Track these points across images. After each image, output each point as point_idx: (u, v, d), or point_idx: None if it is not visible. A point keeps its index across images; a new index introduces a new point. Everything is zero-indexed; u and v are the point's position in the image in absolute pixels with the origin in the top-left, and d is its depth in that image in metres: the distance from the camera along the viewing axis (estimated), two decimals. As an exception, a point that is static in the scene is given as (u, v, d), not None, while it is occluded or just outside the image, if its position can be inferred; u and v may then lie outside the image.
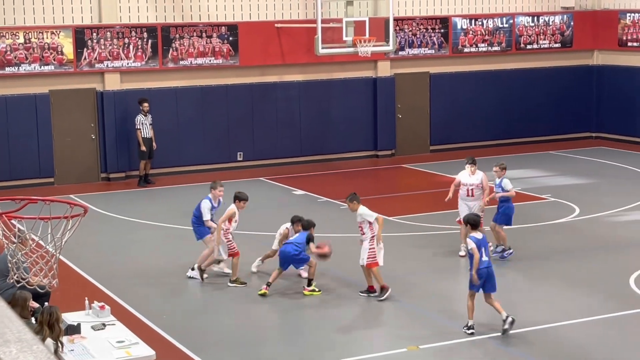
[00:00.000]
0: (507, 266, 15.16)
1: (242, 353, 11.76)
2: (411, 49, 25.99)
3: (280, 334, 12.62)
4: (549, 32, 27.49)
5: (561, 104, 27.78)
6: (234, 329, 12.62)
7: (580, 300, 13.44)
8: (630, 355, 11.43)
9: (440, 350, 11.65)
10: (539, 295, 13.88)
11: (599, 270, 14.95)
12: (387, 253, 15.92)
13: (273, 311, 13.35)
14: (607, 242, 16.20)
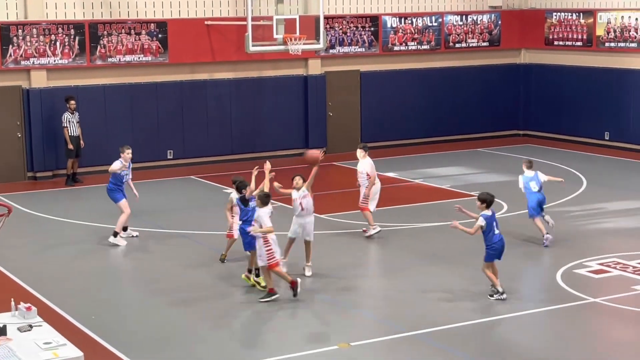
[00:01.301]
0: (437, 263, 15.29)
1: (172, 353, 11.64)
2: (342, 47, 26.06)
3: (211, 332, 12.52)
4: (477, 31, 27.81)
5: (489, 102, 28.14)
6: (165, 328, 12.50)
7: (509, 296, 13.60)
8: (558, 349, 11.62)
9: (371, 346, 11.69)
10: (467, 290, 14.01)
11: (527, 266, 15.17)
12: (319, 250, 15.96)
13: (205, 309, 13.24)
14: (535, 238, 16.43)
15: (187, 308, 13.28)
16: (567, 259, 15.08)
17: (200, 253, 16.10)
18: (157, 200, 20.32)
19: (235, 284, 14.19)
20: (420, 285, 14.19)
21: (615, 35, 25.89)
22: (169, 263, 15.48)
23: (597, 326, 12.46)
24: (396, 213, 18.63)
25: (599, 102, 26.39)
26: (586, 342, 11.92)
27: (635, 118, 25.59)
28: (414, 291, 13.90)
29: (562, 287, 13.78)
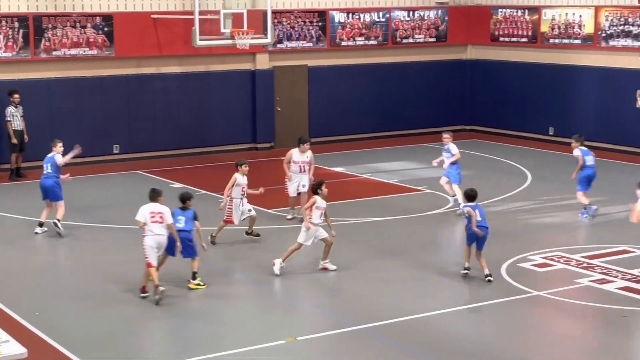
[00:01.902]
0: (384, 258, 15.36)
1: (116, 349, 11.55)
2: (289, 41, 26.04)
3: (158, 329, 12.46)
4: (424, 27, 27.97)
5: (436, 97, 28.33)
6: (109, 324, 12.39)
7: (454, 289, 13.74)
8: (503, 342, 11.75)
9: (318, 341, 11.72)
10: (412, 284, 14.12)
11: (473, 260, 15.29)
12: (267, 246, 15.95)
13: (151, 306, 13.16)
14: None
15: (132, 304, 13.18)
16: (512, 253, 15.25)
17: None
18: (102, 195, 20.14)
19: (181, 280, 14.12)
20: (367, 279, 14.24)
21: (560, 32, 26.23)
22: (114, 258, 15.35)
23: (541, 319, 12.62)
24: (344, 207, 18.67)
25: (544, 98, 26.71)
26: (530, 335, 12.07)
27: (579, 114, 25.95)
28: (360, 285, 13.95)
29: (506, 281, 13.93)
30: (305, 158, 17.62)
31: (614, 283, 13.72)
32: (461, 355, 11.24)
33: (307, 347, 11.54)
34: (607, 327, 12.21)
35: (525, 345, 11.68)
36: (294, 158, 17.64)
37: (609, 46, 25.02)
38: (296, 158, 17.63)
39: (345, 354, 11.35)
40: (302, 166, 17.57)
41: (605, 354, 11.43)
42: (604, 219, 17.87)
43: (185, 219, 13.71)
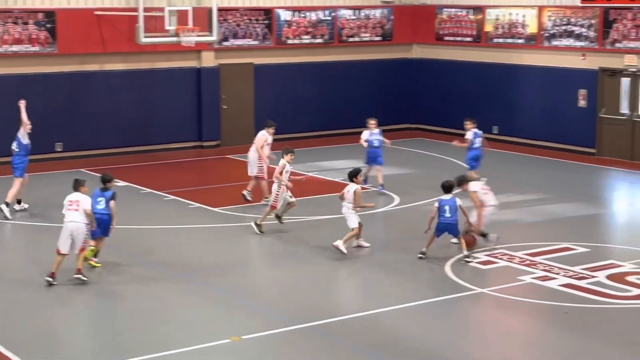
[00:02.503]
0: (330, 256, 15.37)
1: (60, 350, 11.40)
2: (235, 39, 25.95)
3: (98, 328, 12.31)
4: (370, 26, 28.07)
5: (382, 96, 28.44)
6: (52, 325, 12.23)
7: (399, 287, 13.79)
8: (447, 339, 11.83)
9: (264, 339, 11.69)
10: (359, 283, 14.16)
11: (409, 257, 15.38)
12: (212, 244, 15.88)
13: (93, 305, 13.02)
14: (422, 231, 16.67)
15: (74, 303, 13.03)
16: (457, 251, 15.35)
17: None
18: (44, 193, 19.85)
19: (122, 278, 13.99)
20: (312, 277, 14.25)
21: (504, 32, 26.49)
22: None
23: (485, 316, 12.73)
24: (289, 206, 18.64)
25: (488, 97, 26.96)
26: (473, 331, 12.17)
27: (522, 112, 26.25)
28: (306, 283, 13.95)
29: (451, 278, 14.03)
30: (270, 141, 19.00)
31: (556, 280, 13.89)
32: (406, 352, 11.29)
33: (252, 345, 11.51)
34: (549, 324, 12.35)
35: (469, 342, 11.77)
36: (268, 140, 18.92)
37: (551, 46, 25.34)
38: (270, 140, 18.95)
39: (291, 353, 11.34)
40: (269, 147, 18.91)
41: (547, 351, 11.57)
42: (546, 217, 18.10)
43: (105, 200, 14.22)
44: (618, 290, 13.46)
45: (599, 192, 20.86)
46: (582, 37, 24.61)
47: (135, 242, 16.07)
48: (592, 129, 24.57)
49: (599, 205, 19.34)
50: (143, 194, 19.98)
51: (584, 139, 24.76)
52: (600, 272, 14.25)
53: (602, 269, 14.42)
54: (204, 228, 16.79)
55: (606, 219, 18.53)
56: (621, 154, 24.03)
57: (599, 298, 13.12)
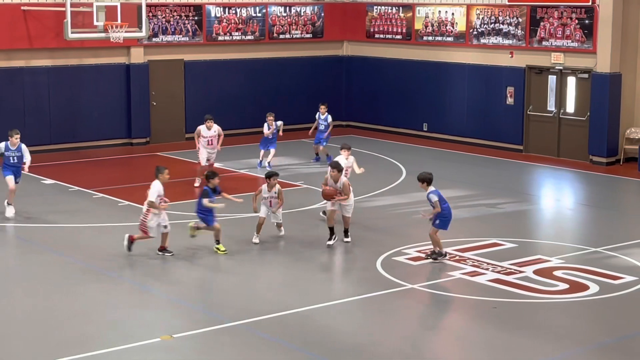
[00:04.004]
0: (260, 252, 15.34)
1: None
2: (165, 35, 25.74)
3: (26, 328, 12.08)
4: (301, 23, 28.08)
5: (313, 93, 28.46)
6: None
7: (331, 284, 13.83)
8: (378, 335, 11.88)
9: (194, 338, 11.62)
10: (290, 280, 14.15)
11: (348, 254, 15.44)
12: (142, 242, 15.70)
13: (22, 303, 12.79)
14: (357, 227, 16.75)
15: (9, 299, 12.79)
16: (387, 247, 15.45)
17: (17, 246, 15.53)
18: None
19: (50, 277, 13.77)
20: (244, 275, 14.20)
21: (433, 30, 26.73)
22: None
23: (415, 311, 12.82)
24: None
25: (418, 94, 27.19)
26: (404, 327, 12.26)
27: (451, 110, 26.52)
28: (238, 281, 13.90)
29: (381, 274, 14.10)
30: (213, 133, 20.50)
31: (484, 275, 14.07)
32: (338, 349, 11.32)
33: (183, 344, 11.42)
34: (478, 319, 12.50)
35: (399, 338, 11.85)
36: (202, 133, 20.42)
37: (480, 44, 25.65)
38: (204, 133, 20.44)
39: (222, 351, 11.29)
40: (210, 140, 20.50)
41: (477, 345, 11.70)
42: (475, 213, 18.31)
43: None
44: (545, 285, 13.68)
45: (526, 189, 21.18)
46: (509, 36, 24.97)
47: (63, 241, 15.84)
48: (520, 126, 24.94)
49: (526, 202, 19.65)
50: (71, 192, 19.70)
51: (511, 136, 25.13)
52: (527, 267, 14.47)
53: (530, 264, 14.65)
54: (134, 226, 16.60)
55: (533, 215, 18.83)
56: (548, 150, 24.45)
57: (527, 293, 13.32)
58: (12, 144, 17.81)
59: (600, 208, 19.24)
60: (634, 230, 17.14)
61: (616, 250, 15.48)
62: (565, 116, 24.21)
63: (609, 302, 13.06)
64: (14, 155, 17.77)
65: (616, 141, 23.41)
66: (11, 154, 17.77)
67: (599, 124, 23.26)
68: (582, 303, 13.04)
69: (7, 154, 17.78)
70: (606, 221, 18.12)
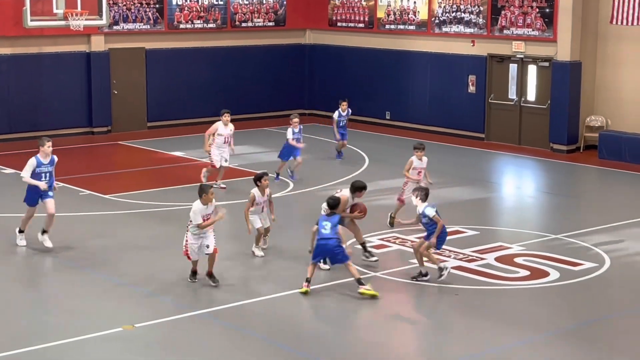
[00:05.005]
0: (221, 241, 15.31)
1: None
2: (126, 23, 25.53)
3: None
4: (263, 11, 27.99)
5: (276, 81, 28.42)
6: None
7: (292, 272, 13.81)
8: (340, 322, 11.91)
9: (156, 327, 11.57)
10: (251, 268, 14.12)
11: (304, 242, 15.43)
12: (103, 232, 15.61)
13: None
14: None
15: (-40, 295, 12.67)
16: (350, 235, 15.45)
17: (-25, 237, 15.39)
18: None
19: (9, 269, 13.63)
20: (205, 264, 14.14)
21: (395, 18, 26.77)
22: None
23: (378, 299, 12.83)
24: (183, 192, 18.50)
25: (381, 82, 27.23)
26: (366, 314, 12.29)
27: (413, 98, 26.59)
28: (199, 269, 13.84)
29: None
30: (229, 131, 18.66)
31: (447, 262, 14.13)
32: (299, 337, 11.34)
33: (144, 333, 11.38)
34: (440, 306, 12.57)
35: (361, 326, 11.89)
36: (219, 130, 18.54)
37: (442, 32, 25.73)
38: (221, 131, 18.62)
39: (184, 339, 11.25)
40: (227, 138, 18.66)
41: (439, 331, 11.78)
42: (437, 201, 18.35)
43: (331, 225, 12.95)
44: (506, 272, 13.79)
45: (488, 176, 21.32)
46: (471, 24, 25.07)
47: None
48: (481, 114, 25.08)
49: (488, 189, 19.78)
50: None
51: (473, 124, 25.27)
52: (489, 254, 14.57)
53: (491, 251, 14.75)
54: (95, 216, 16.49)
55: (495, 203, 18.96)
56: (509, 138, 24.61)
57: (488, 280, 13.42)
58: (43, 156, 14.30)
59: (560, 195, 19.42)
60: (593, 217, 17.33)
61: (576, 237, 15.64)
62: (526, 104, 24.38)
63: (569, 289, 13.20)
64: (46, 171, 14.30)
65: (576, 129, 23.62)
66: (43, 169, 14.25)
67: (560, 112, 23.46)
68: (543, 289, 13.16)
69: (38, 171, 14.20)
70: (566, 208, 18.29)
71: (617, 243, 15.38)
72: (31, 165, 14.20)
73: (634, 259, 14.63)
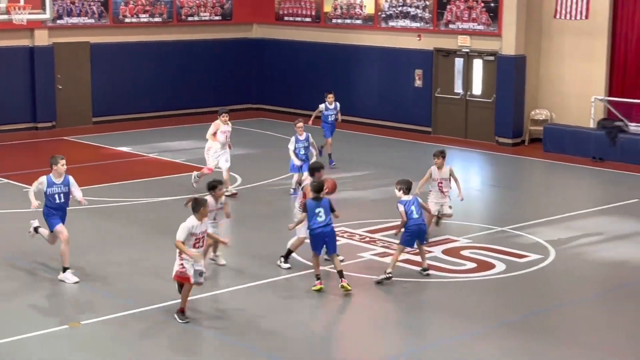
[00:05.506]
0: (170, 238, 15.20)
1: None
2: (70, 17, 25.24)
3: None
4: (210, 5, 27.85)
5: (223, 75, 28.31)
6: None
7: (242, 266, 13.78)
8: (290, 316, 11.91)
9: (103, 324, 11.47)
10: (202, 264, 14.06)
11: (255, 238, 15.41)
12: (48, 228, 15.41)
13: None
14: (266, 210, 16.75)
15: None
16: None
17: None
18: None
19: (-44, 267, 13.42)
20: (152, 260, 14.07)
21: (342, 12, 26.81)
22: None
23: (326, 293, 12.85)
24: (130, 187, 18.36)
25: (328, 77, 27.25)
26: (315, 308, 12.31)
27: (362, 92, 26.66)
28: (146, 266, 13.76)
29: (293, 257, 14.10)
30: (228, 128, 17.82)
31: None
32: (248, 331, 11.32)
33: (91, 330, 11.27)
34: (389, 299, 12.63)
35: (311, 320, 11.91)
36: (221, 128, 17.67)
37: (388, 27, 25.84)
38: (223, 128, 17.71)
39: (131, 336, 11.18)
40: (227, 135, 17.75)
41: (388, 324, 11.84)
42: (385, 195, 18.48)
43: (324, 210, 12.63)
44: (453, 264, 13.91)
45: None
46: (417, 19, 25.20)
47: (-34, 228, 15.45)
48: (428, 108, 25.25)
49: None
50: (-26, 178, 19.21)
51: (420, 118, 25.42)
52: (436, 247, 14.67)
53: (438, 244, 14.86)
54: (40, 212, 16.26)
55: (442, 196, 19.06)
56: (455, 132, 24.81)
57: (436, 272, 13.51)
58: (56, 176, 13.01)
59: (506, 188, 19.63)
60: (538, 209, 17.54)
61: (522, 229, 15.82)
62: (472, 98, 24.59)
63: (515, 280, 13.35)
64: (60, 192, 12.95)
65: (521, 122, 23.88)
66: (56, 189, 12.93)
67: (505, 105, 23.69)
68: (489, 281, 13.29)
69: (49, 191, 12.92)
70: (512, 201, 18.49)
71: (562, 235, 15.59)
72: (40, 184, 12.93)
73: (578, 250, 14.85)
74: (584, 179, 20.70)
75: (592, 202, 18.51)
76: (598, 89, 22.98)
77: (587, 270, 13.92)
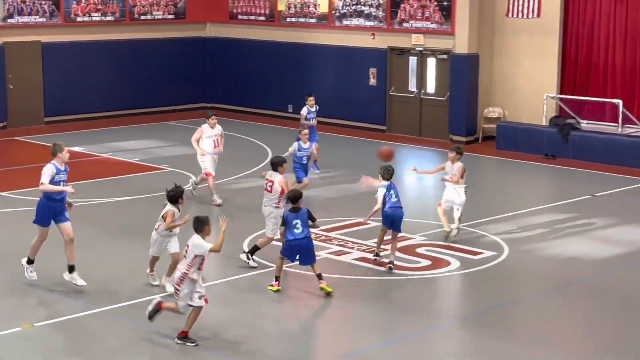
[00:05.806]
0: (127, 237, 15.10)
1: None
2: (21, 16, 24.94)
3: None
4: (162, 3, 27.69)
5: (177, 75, 28.17)
6: None
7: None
8: (245, 317, 11.90)
9: (56, 325, 11.37)
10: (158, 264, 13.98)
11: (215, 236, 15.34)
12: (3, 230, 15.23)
13: None
14: (224, 209, 16.69)
15: None
16: (254, 229, 15.42)
17: None
18: None
19: None
20: (108, 259, 13.96)
21: (296, 11, 26.80)
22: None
23: (282, 292, 12.84)
24: (85, 187, 18.18)
25: (283, 75, 27.24)
26: (270, 308, 12.29)
27: (317, 91, 26.53)
28: (102, 266, 13.65)
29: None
30: (217, 131, 17.13)
31: (350, 254, 14.26)
32: (201, 332, 11.26)
33: (44, 332, 11.16)
34: (345, 297, 12.65)
35: (265, 319, 11.88)
36: (207, 133, 17.01)
37: (342, 25, 25.88)
38: (209, 133, 17.04)
39: (85, 337, 11.08)
40: (216, 140, 17.10)
41: (344, 322, 11.86)
42: (340, 193, 18.53)
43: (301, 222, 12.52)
44: (408, 262, 13.97)
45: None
46: (371, 17, 25.27)
47: None
48: (383, 106, 25.33)
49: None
50: None
51: (375, 117, 25.50)
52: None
53: (394, 241, 14.89)
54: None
55: (397, 194, 19.13)
56: (410, 130, 24.92)
57: (393, 270, 13.55)
58: (60, 163, 12.32)
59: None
60: (492, 206, 17.68)
61: (476, 227, 15.94)
62: (426, 96, 24.73)
63: (469, 277, 13.45)
64: (64, 179, 12.38)
65: (475, 120, 24.07)
66: (62, 177, 12.29)
67: (458, 103, 23.86)
68: (444, 278, 13.38)
69: (57, 179, 12.24)
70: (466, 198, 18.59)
71: (515, 232, 15.74)
72: (50, 172, 12.15)
73: (531, 246, 15.00)
74: (536, 176, 20.91)
75: (545, 199, 18.71)
76: (550, 87, 23.24)
77: (540, 267, 14.07)
